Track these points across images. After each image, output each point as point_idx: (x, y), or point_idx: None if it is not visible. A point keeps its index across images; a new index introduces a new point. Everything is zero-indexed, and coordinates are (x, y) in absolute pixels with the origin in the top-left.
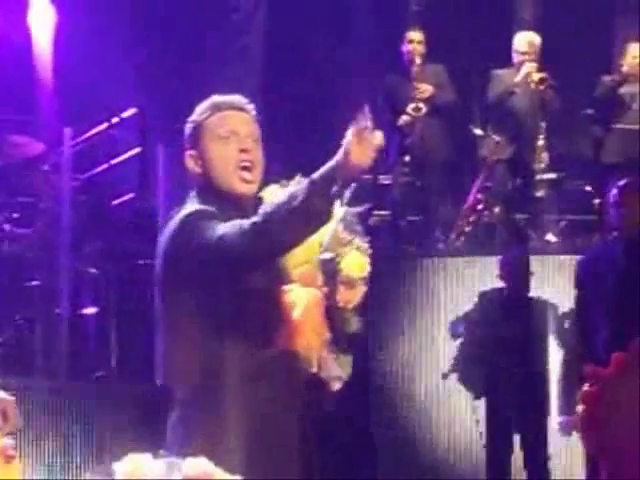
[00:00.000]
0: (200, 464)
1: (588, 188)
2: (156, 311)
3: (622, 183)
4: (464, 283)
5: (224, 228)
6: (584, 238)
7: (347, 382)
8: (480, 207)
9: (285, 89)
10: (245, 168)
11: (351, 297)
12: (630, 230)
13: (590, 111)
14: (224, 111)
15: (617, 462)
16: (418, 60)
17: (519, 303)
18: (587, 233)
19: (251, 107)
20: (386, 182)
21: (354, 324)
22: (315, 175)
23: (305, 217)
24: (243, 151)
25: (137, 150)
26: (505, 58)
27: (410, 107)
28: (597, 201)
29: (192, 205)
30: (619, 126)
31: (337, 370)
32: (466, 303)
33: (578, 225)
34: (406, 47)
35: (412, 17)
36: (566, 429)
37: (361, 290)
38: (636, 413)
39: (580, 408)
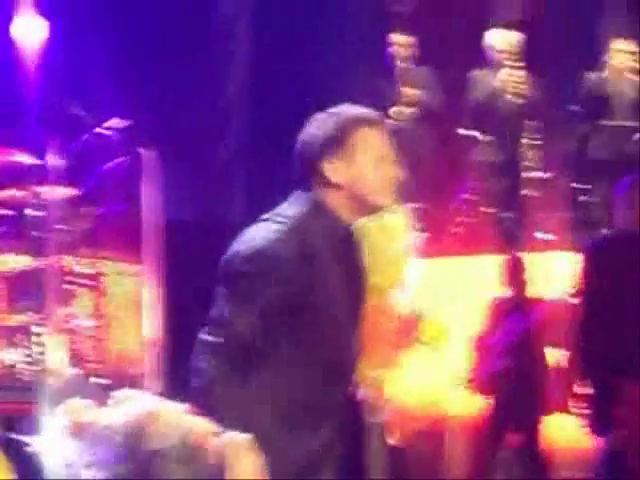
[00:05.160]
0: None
1: (576, 185)
2: None
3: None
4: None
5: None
6: (574, 235)
7: None
8: (468, 207)
9: (271, 93)
10: (392, 190)
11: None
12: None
13: (575, 108)
14: (374, 128)
15: None
16: (403, 63)
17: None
18: (576, 230)
19: None
20: None
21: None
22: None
23: None
24: (393, 176)
25: (123, 158)
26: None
27: (395, 111)
28: (585, 198)
29: (281, 226)
30: (606, 123)
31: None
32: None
33: (567, 222)
34: (391, 50)
35: (397, 19)
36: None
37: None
38: None
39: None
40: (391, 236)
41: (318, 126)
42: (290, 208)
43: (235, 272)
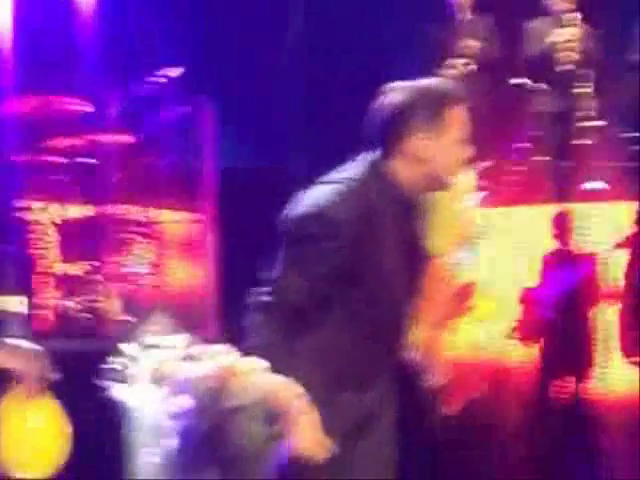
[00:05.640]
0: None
1: (635, 134)
2: None
3: None
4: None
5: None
6: (628, 185)
7: None
8: (522, 157)
9: (334, 41)
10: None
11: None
12: None
13: (635, 56)
14: (463, 106)
15: None
16: (466, 13)
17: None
18: (630, 180)
19: None
20: None
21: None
22: None
23: None
24: (466, 156)
25: (182, 107)
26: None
27: (458, 62)
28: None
29: (344, 189)
30: None
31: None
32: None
33: (622, 172)
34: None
35: None
36: None
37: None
38: None
39: None
40: (454, 197)
41: (410, 98)
42: (355, 172)
43: (296, 233)
